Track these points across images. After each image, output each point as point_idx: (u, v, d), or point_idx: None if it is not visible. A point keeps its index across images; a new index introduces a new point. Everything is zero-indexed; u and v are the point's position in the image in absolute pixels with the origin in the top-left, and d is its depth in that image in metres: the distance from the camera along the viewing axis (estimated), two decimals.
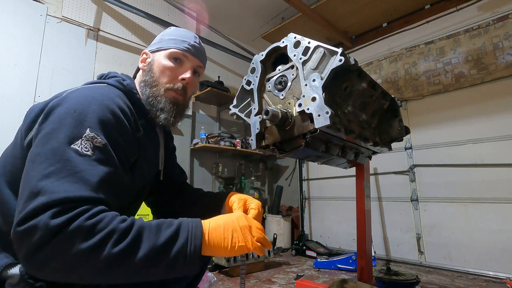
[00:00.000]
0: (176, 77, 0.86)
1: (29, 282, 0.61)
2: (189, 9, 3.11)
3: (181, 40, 0.88)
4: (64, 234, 0.50)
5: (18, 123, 0.73)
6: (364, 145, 1.17)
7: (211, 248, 0.62)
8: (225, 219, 0.66)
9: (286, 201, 3.63)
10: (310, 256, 2.75)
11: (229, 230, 0.64)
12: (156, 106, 0.84)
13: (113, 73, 0.85)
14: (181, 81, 0.86)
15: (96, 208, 0.55)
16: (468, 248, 2.22)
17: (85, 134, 0.61)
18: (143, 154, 0.80)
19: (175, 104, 0.86)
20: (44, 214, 0.51)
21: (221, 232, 0.63)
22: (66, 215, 0.51)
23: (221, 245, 0.63)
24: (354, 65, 0.90)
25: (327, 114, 0.80)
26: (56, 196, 0.52)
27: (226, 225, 0.65)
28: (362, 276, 1.39)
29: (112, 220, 0.55)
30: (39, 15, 2.17)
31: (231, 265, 2.05)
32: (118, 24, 2.59)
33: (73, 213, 0.52)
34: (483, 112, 2.29)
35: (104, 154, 0.62)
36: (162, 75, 0.85)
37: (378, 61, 2.95)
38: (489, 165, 2.19)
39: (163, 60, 0.86)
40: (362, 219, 1.42)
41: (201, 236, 0.61)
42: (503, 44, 2.22)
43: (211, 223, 0.65)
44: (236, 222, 0.66)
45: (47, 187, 0.53)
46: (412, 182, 2.57)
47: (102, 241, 0.52)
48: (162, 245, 0.57)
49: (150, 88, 0.85)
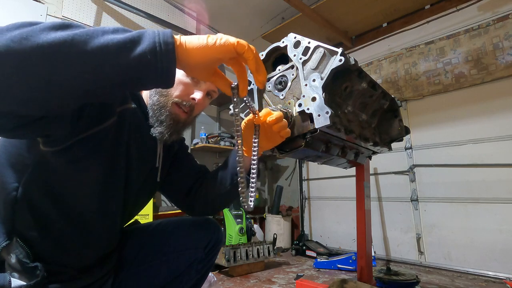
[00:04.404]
0: (188, 94, 0.85)
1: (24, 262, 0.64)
2: (189, 9, 3.11)
3: None
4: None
5: None
6: (364, 145, 1.17)
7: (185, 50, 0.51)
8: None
9: (286, 201, 3.63)
10: (310, 256, 2.75)
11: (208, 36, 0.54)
12: (157, 116, 0.82)
13: None
14: (191, 100, 0.85)
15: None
16: (468, 248, 2.22)
17: None
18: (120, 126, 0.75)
19: (176, 121, 0.84)
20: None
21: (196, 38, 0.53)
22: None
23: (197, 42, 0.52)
24: (354, 65, 0.90)
25: (327, 114, 0.80)
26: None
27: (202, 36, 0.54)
28: (362, 276, 1.39)
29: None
30: (39, 15, 2.17)
31: (231, 265, 2.05)
32: (118, 24, 2.59)
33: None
34: (483, 112, 2.29)
35: None
36: (175, 87, 0.83)
37: (378, 61, 2.95)
38: (489, 165, 2.19)
39: (181, 74, 0.84)
40: (362, 219, 1.42)
41: (171, 35, 0.50)
42: (503, 44, 2.22)
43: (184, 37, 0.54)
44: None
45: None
46: (412, 182, 2.57)
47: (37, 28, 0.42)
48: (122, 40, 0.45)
49: (159, 96, 0.83)
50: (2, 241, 0.65)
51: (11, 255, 0.64)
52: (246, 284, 1.93)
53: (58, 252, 0.72)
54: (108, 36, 0.46)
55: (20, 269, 0.64)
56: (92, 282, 0.79)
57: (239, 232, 2.49)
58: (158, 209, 2.46)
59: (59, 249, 0.72)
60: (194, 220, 1.02)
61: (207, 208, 0.98)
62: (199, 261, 0.96)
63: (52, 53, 0.42)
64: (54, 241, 0.71)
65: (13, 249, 0.65)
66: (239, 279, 2.02)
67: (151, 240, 0.95)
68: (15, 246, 0.65)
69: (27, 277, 0.64)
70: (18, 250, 0.65)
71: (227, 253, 2.04)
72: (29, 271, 0.64)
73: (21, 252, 0.65)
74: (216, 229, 1.02)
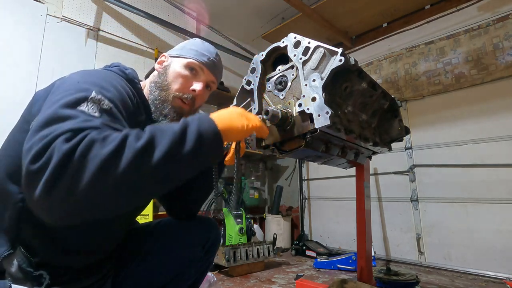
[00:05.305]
0: (187, 86, 0.87)
1: (28, 271, 0.62)
2: (189, 9, 3.11)
3: (201, 53, 0.90)
4: (80, 152, 0.47)
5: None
6: (364, 145, 1.17)
7: (223, 131, 0.64)
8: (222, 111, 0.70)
9: (286, 201, 3.63)
10: (310, 256, 2.75)
11: (232, 112, 0.70)
12: (160, 111, 0.84)
13: (116, 63, 0.86)
14: (192, 92, 0.86)
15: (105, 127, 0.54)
16: (468, 248, 2.22)
17: (91, 96, 0.58)
18: None
19: (179, 114, 0.86)
20: (56, 141, 0.48)
21: (226, 117, 0.67)
22: (78, 136, 0.49)
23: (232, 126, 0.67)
24: (354, 65, 0.90)
25: (327, 114, 0.80)
26: (66, 126, 0.50)
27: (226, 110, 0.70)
28: (362, 276, 1.39)
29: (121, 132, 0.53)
30: (39, 15, 2.17)
31: (231, 265, 2.05)
32: (118, 24, 2.59)
33: (84, 133, 0.50)
34: (483, 112, 2.29)
35: (112, 116, 0.60)
36: (175, 81, 0.86)
37: (378, 61, 2.95)
38: (489, 165, 2.19)
39: (179, 68, 0.87)
40: (362, 219, 1.42)
41: (210, 118, 0.64)
42: (503, 44, 2.22)
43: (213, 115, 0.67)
44: (234, 111, 0.71)
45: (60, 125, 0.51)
46: (412, 182, 2.57)
47: (119, 145, 0.50)
48: (178, 133, 0.56)
49: (160, 91, 0.85)
50: (4, 251, 0.63)
51: (12, 263, 0.63)
52: (246, 284, 1.93)
53: (61, 257, 0.71)
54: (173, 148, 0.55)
55: (22, 277, 0.63)
56: (92, 282, 0.79)
57: (239, 232, 2.49)
58: (158, 209, 2.46)
59: (62, 254, 0.70)
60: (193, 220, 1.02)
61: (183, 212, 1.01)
62: (198, 260, 0.97)
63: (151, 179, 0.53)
64: (58, 247, 0.69)
65: (15, 258, 0.63)
66: (239, 279, 2.03)
67: (150, 239, 0.95)
68: (17, 255, 0.64)
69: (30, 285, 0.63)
70: (21, 259, 0.63)
71: (227, 253, 2.04)
72: (34, 279, 0.63)
73: (24, 261, 0.63)
74: (214, 227, 1.02)
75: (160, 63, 0.91)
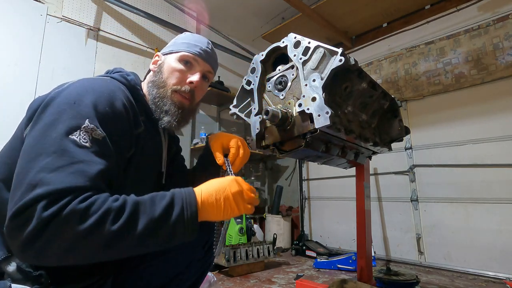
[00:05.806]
0: (184, 79, 0.86)
1: (28, 271, 0.63)
2: (189, 9, 3.11)
3: (193, 44, 0.89)
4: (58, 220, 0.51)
5: (17, 123, 0.72)
6: (364, 145, 1.17)
7: (206, 214, 0.65)
8: (217, 187, 0.68)
9: (286, 201, 3.63)
10: (310, 256, 2.74)
11: (221, 199, 0.67)
12: (161, 108, 0.83)
13: (118, 68, 0.86)
14: (189, 84, 0.86)
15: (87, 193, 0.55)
16: (468, 248, 2.22)
17: (84, 125, 0.61)
18: (140, 149, 0.79)
19: (180, 108, 0.85)
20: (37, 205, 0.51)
21: (213, 201, 0.66)
22: (58, 203, 0.52)
23: (214, 213, 0.66)
24: (354, 65, 0.90)
25: (327, 114, 0.80)
26: (51, 188, 0.53)
27: (218, 194, 0.67)
28: (362, 276, 1.39)
29: (105, 201, 0.56)
30: (39, 15, 2.17)
31: (231, 265, 2.05)
32: (118, 24, 2.59)
33: (65, 201, 0.52)
34: (483, 112, 2.29)
35: (102, 147, 0.62)
36: (171, 76, 0.86)
37: (378, 61, 2.95)
38: (489, 165, 2.19)
39: (173, 62, 0.87)
40: (362, 219, 1.42)
41: (195, 203, 0.64)
42: (503, 44, 2.22)
43: (203, 192, 0.66)
44: (228, 189, 0.68)
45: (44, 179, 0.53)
46: (412, 182, 2.57)
47: (98, 221, 0.53)
48: (160, 215, 0.59)
49: (158, 89, 0.85)
50: (2, 254, 0.63)
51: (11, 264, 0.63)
52: (246, 284, 1.93)
53: None
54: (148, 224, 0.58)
55: (21, 277, 0.63)
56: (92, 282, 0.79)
57: (239, 232, 2.49)
58: None
59: None
60: None
61: None
62: (198, 260, 0.96)
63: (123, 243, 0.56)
64: None
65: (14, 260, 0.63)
66: (239, 279, 2.02)
67: None
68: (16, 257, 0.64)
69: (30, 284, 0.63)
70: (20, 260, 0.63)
71: (227, 253, 2.04)
72: (34, 279, 0.63)
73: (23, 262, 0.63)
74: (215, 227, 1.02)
75: (154, 63, 0.91)
